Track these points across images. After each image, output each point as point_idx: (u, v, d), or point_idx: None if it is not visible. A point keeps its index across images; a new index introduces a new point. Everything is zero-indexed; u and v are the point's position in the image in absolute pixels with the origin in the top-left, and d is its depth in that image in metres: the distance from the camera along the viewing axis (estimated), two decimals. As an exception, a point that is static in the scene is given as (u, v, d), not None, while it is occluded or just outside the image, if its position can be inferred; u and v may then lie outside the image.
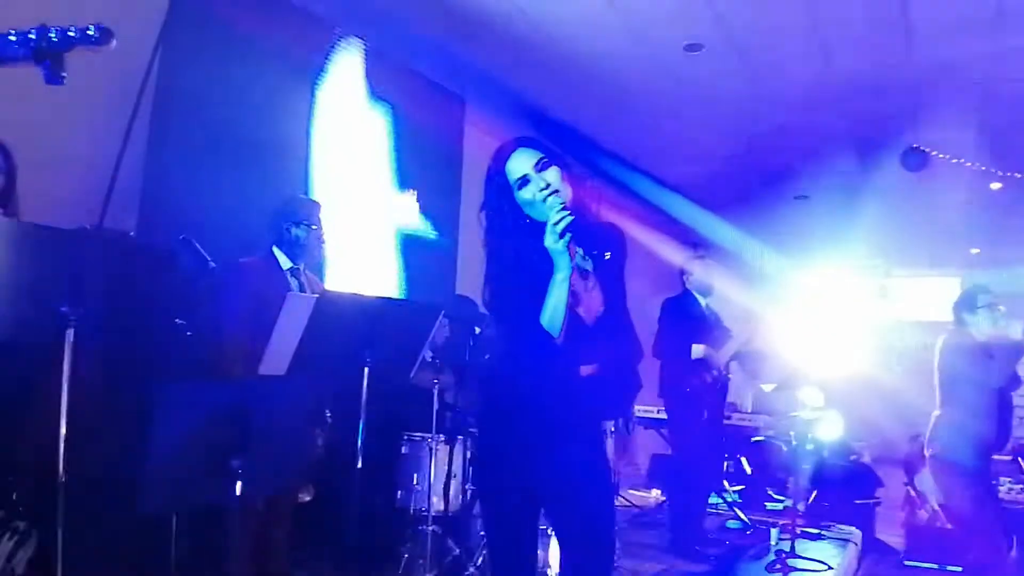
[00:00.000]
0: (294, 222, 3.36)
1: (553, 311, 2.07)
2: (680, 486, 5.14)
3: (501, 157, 2.17)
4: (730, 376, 5.42)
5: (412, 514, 3.91)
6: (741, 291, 5.63)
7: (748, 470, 6.35)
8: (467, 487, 4.05)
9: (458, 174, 6.02)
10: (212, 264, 2.75)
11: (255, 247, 3.42)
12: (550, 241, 2.01)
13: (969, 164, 7.90)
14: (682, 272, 5.23)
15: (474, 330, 3.95)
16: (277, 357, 2.61)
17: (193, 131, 3.78)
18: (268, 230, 3.39)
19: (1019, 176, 8.01)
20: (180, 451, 2.03)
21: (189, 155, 3.72)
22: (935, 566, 5.09)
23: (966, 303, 4.17)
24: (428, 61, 5.64)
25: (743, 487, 6.02)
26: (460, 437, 3.98)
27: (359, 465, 2.74)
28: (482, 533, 3.83)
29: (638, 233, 5.23)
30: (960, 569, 4.93)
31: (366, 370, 2.76)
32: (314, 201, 3.57)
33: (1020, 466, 5.68)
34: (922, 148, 7.42)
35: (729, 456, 6.42)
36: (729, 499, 5.76)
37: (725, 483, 6.07)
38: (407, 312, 2.90)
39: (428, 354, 3.78)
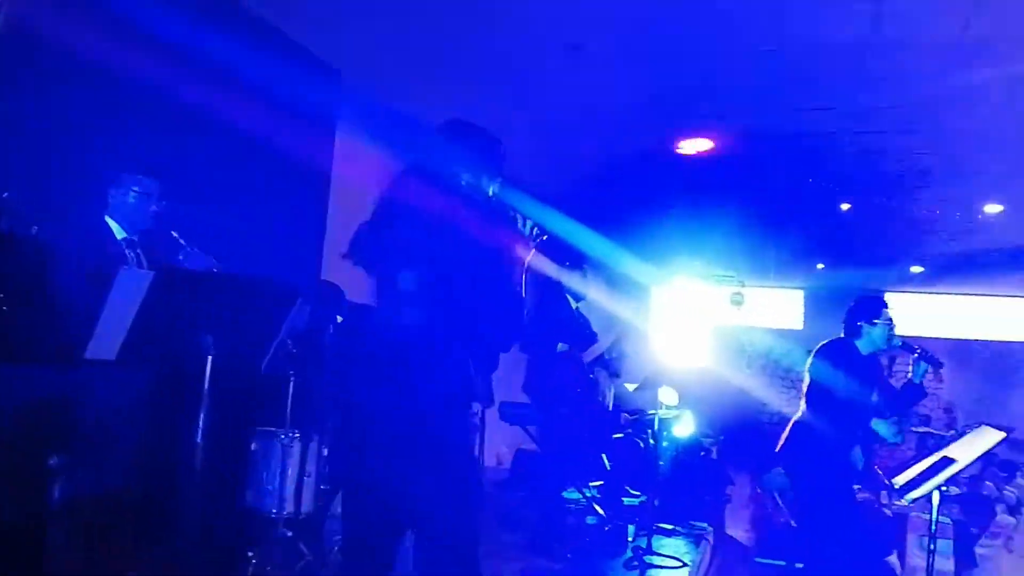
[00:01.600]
0: (116, 186, 3.05)
1: None
2: (543, 482, 5.14)
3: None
4: (592, 376, 5.48)
5: (261, 516, 3.64)
6: (610, 299, 5.71)
7: (608, 466, 6.43)
8: (322, 487, 3.82)
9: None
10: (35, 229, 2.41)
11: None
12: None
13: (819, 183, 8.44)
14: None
15: (336, 318, 3.73)
16: (106, 340, 2.32)
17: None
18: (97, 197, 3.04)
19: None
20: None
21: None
22: (782, 563, 5.32)
23: (868, 312, 4.11)
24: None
25: (602, 483, 6.08)
26: (316, 435, 3.75)
27: (198, 461, 2.47)
28: (337, 537, 3.64)
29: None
30: (801, 566, 5.15)
31: (209, 358, 2.50)
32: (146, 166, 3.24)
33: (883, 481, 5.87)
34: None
35: (591, 453, 6.48)
36: (588, 495, 5.80)
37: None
38: (260, 294, 2.66)
39: (288, 342, 3.54)
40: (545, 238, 2.26)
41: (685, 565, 4.65)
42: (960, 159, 7.32)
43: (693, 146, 7.00)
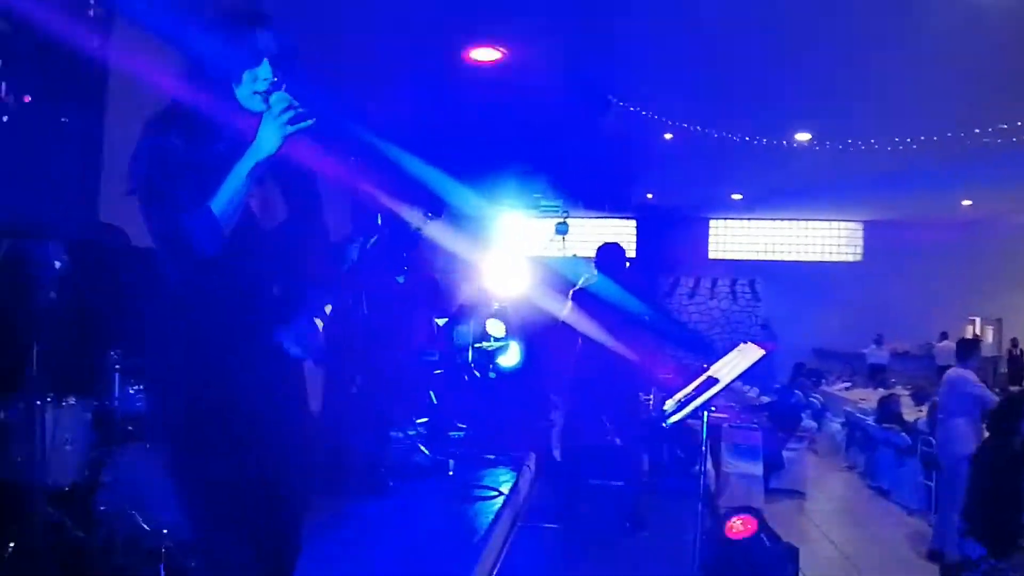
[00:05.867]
0: None
1: (229, 198, 1.79)
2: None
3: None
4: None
5: (16, 494, 3.22)
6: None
7: (434, 402, 6.36)
8: (93, 456, 3.43)
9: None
10: None
11: None
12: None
13: (645, 114, 8.55)
14: None
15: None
16: None
17: None
18: None
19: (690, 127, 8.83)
20: None
21: None
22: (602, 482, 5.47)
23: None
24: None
25: (427, 419, 6.01)
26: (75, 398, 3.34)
27: None
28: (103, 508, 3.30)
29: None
30: (621, 483, 5.32)
31: None
32: None
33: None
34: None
35: (417, 390, 6.38)
36: (412, 433, 5.72)
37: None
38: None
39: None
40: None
41: (501, 494, 4.64)
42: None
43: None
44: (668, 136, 9.42)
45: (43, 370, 3.07)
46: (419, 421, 5.84)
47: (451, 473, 4.96)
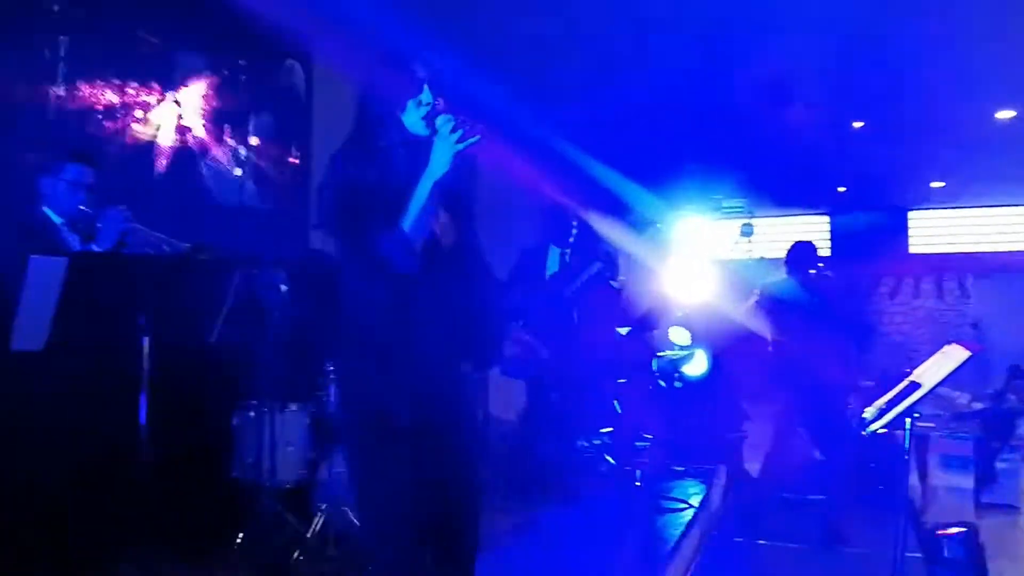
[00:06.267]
0: (48, 175, 2.96)
1: (416, 218, 1.96)
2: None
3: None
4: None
5: (245, 490, 3.61)
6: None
7: (619, 411, 6.35)
8: (311, 456, 3.78)
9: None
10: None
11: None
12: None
13: (831, 103, 8.11)
14: None
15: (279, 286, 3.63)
16: (30, 330, 2.25)
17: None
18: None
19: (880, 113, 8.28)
20: None
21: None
22: (797, 496, 5.23)
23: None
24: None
25: (612, 429, 6.00)
26: (295, 404, 3.69)
27: (144, 444, 2.42)
28: (323, 505, 3.61)
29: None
30: (823, 497, 5.06)
31: (146, 339, 2.43)
32: (74, 152, 3.14)
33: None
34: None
35: (601, 399, 6.40)
36: (596, 442, 5.75)
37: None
38: (193, 268, 2.57)
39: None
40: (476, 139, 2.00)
41: (691, 506, 4.56)
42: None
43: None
44: (858, 124, 8.85)
45: (270, 380, 3.43)
46: (604, 431, 5.86)
47: (638, 484, 4.93)
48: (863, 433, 3.00)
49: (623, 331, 6.13)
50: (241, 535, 3.48)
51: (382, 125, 2.07)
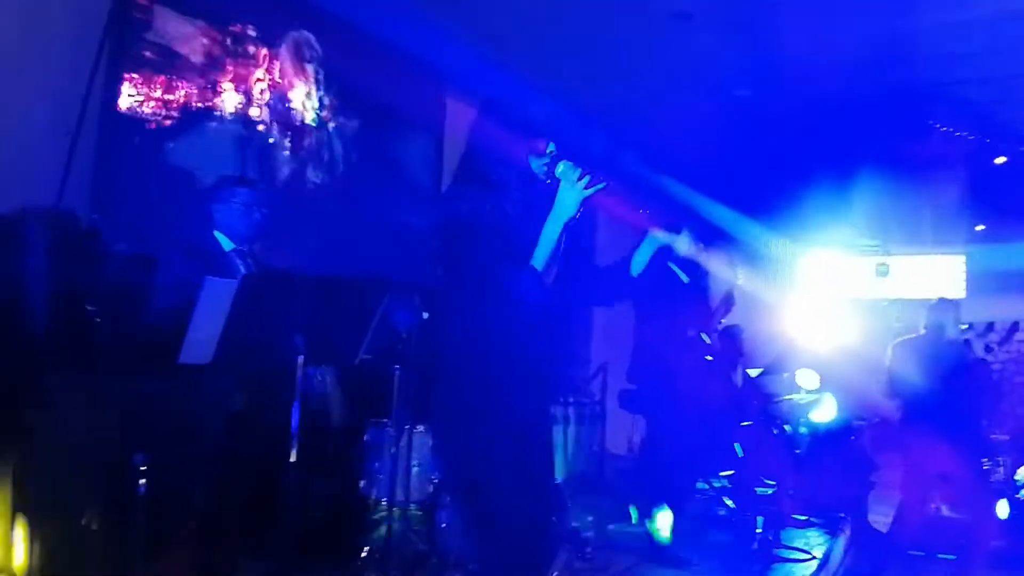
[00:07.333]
0: (217, 200, 3.19)
1: (546, 256, 2.09)
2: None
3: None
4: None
5: (373, 507, 3.74)
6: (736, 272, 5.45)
7: (740, 454, 6.16)
8: (432, 478, 3.87)
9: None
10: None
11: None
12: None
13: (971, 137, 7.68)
14: None
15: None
16: (199, 345, 2.44)
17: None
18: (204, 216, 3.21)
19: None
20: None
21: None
22: (926, 554, 4.94)
23: None
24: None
25: (732, 472, 5.82)
26: (419, 425, 3.80)
27: (295, 458, 2.57)
28: (443, 524, 3.69)
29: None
30: (954, 557, 4.78)
31: (300, 357, 2.58)
32: (241, 177, 3.38)
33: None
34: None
35: (722, 441, 6.23)
36: (717, 485, 5.59)
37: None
38: (346, 291, 2.73)
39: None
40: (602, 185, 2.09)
41: (814, 558, 4.37)
42: None
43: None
44: (1000, 160, 8.33)
45: (403, 402, 3.56)
46: (724, 473, 5.70)
47: (759, 531, 4.76)
48: (1018, 497, 2.81)
49: (753, 373, 5.98)
50: (367, 549, 3.60)
51: (499, 166, 2.16)
